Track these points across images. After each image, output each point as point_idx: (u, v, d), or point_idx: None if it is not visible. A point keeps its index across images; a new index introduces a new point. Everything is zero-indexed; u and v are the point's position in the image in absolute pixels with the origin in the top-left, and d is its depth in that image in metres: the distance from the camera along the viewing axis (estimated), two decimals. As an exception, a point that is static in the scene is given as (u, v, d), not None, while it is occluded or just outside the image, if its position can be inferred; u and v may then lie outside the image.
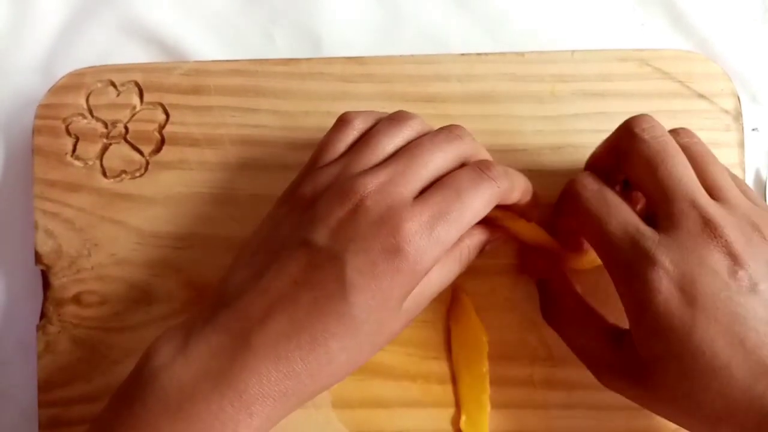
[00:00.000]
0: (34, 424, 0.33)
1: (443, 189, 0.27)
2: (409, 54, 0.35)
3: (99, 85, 0.35)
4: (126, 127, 0.35)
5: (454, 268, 0.30)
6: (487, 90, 0.34)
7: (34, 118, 0.35)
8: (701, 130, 0.34)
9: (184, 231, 0.34)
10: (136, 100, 0.35)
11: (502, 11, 0.38)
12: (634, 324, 0.27)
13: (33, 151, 0.35)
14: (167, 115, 0.35)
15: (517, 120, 0.34)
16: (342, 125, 0.30)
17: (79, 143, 0.35)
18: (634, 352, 0.27)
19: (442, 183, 0.28)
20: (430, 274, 0.27)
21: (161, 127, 0.35)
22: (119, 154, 0.35)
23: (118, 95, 0.35)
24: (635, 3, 0.38)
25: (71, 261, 0.34)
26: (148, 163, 0.35)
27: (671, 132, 0.29)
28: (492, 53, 0.35)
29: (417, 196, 0.27)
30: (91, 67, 0.35)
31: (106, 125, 0.35)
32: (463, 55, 0.35)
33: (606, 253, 0.28)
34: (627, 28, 0.38)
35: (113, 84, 0.35)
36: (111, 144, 0.35)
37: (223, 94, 0.35)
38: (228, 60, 0.35)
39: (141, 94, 0.35)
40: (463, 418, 0.33)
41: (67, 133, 0.35)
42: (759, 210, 0.27)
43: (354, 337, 0.26)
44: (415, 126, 0.29)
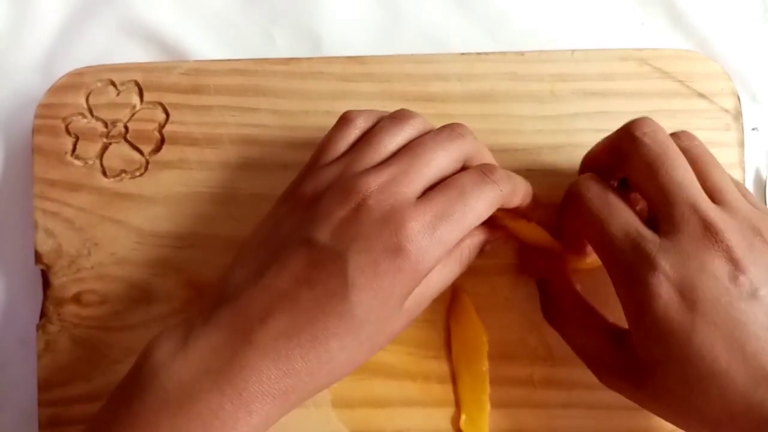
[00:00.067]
0: (34, 424, 0.33)
1: (446, 190, 0.27)
2: (409, 53, 0.35)
3: (99, 85, 0.35)
4: (126, 127, 0.35)
5: (455, 269, 0.30)
6: (487, 89, 0.34)
7: (34, 118, 0.35)
8: (701, 129, 0.34)
9: (184, 230, 0.34)
10: (136, 100, 0.35)
11: (502, 11, 0.38)
12: (634, 327, 0.27)
13: (33, 150, 0.35)
14: (167, 114, 0.35)
15: (517, 119, 0.34)
16: (344, 124, 0.30)
17: (79, 143, 0.35)
18: (634, 353, 0.27)
19: (446, 184, 0.28)
20: (431, 274, 0.27)
21: (161, 126, 0.35)
22: (119, 154, 0.35)
23: (117, 95, 0.35)
24: (635, 2, 0.38)
25: (71, 260, 0.34)
26: (148, 162, 0.35)
27: (672, 135, 0.29)
28: (492, 53, 0.35)
29: (420, 197, 0.27)
30: (91, 67, 0.35)
31: (106, 125, 0.35)
32: (463, 54, 0.35)
33: (607, 255, 0.28)
34: (627, 27, 0.38)
35: (113, 83, 0.35)
36: (111, 143, 0.35)
37: (223, 93, 0.35)
38: (228, 59, 0.35)
39: (141, 93, 0.35)
40: (463, 418, 0.33)
41: (67, 132, 0.35)
42: (760, 213, 0.27)
43: (355, 336, 0.26)
44: (416, 124, 0.29)
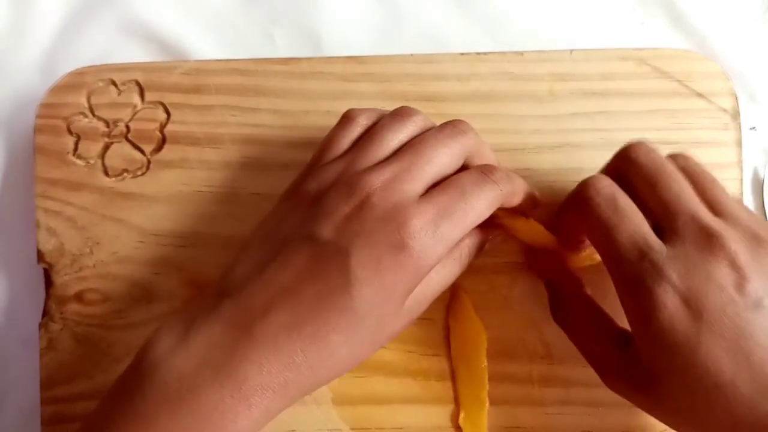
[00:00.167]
0: (36, 421, 0.34)
1: (448, 189, 0.27)
2: (409, 53, 0.35)
3: (100, 85, 0.35)
4: (127, 126, 0.35)
5: (455, 269, 0.30)
6: (487, 89, 0.35)
7: (36, 117, 0.35)
8: (699, 129, 0.34)
9: (185, 229, 0.34)
10: (137, 99, 0.35)
11: (501, 11, 0.38)
12: (638, 335, 0.27)
13: (34, 150, 0.35)
14: (168, 114, 0.35)
15: (516, 119, 0.34)
16: (346, 122, 0.30)
17: (80, 142, 0.35)
18: (638, 359, 0.27)
19: (447, 184, 0.28)
20: (431, 274, 0.28)
21: (162, 126, 0.35)
22: (120, 153, 0.35)
23: (119, 94, 0.35)
24: (635, 2, 0.38)
25: (73, 259, 0.34)
26: (149, 161, 0.35)
27: (669, 156, 0.29)
28: (491, 53, 0.35)
29: (422, 195, 0.27)
30: (92, 67, 0.35)
31: (107, 124, 0.35)
32: (462, 54, 0.35)
33: (613, 262, 0.27)
34: (626, 27, 0.38)
35: (114, 83, 0.35)
36: (112, 143, 0.35)
37: (223, 93, 0.35)
38: (228, 59, 0.35)
39: (142, 93, 0.35)
40: (462, 415, 0.33)
41: (69, 132, 0.35)
42: (760, 224, 0.27)
43: (355, 331, 0.26)
44: (418, 121, 0.29)
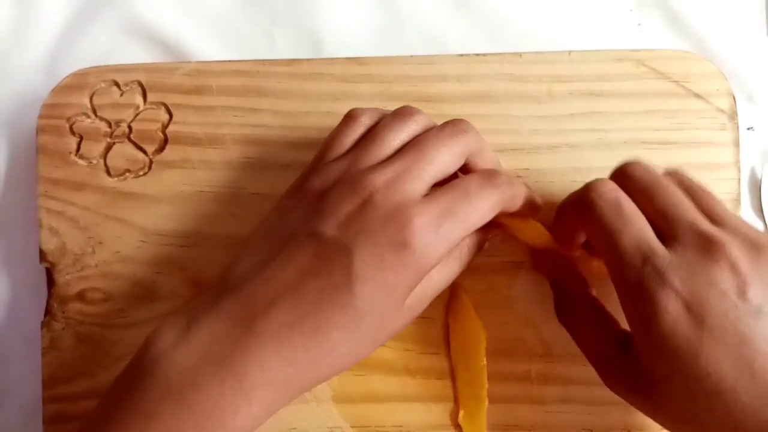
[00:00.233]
0: (38, 420, 0.34)
1: (451, 191, 0.28)
2: (409, 54, 0.35)
3: (102, 85, 0.35)
4: (129, 127, 0.35)
5: (455, 268, 0.30)
6: (485, 90, 0.35)
7: (38, 118, 0.35)
8: (697, 129, 0.34)
9: (187, 229, 0.34)
10: (139, 100, 0.35)
11: (500, 12, 0.38)
12: (639, 340, 0.27)
13: (37, 150, 0.35)
14: (170, 114, 0.35)
15: (515, 120, 0.35)
16: (349, 121, 0.30)
17: (83, 142, 0.35)
18: (640, 363, 0.27)
19: (450, 185, 0.28)
20: (432, 273, 0.28)
21: (164, 126, 0.35)
22: (123, 153, 0.35)
23: (121, 95, 0.35)
24: (632, 4, 0.38)
25: (75, 258, 0.34)
26: (151, 162, 0.35)
27: (663, 172, 0.30)
28: (490, 54, 0.35)
29: (425, 195, 0.27)
30: (95, 67, 0.35)
31: (109, 125, 0.35)
32: (461, 55, 0.35)
33: (615, 266, 0.27)
34: (624, 28, 0.38)
35: (116, 84, 0.35)
36: (115, 143, 0.35)
37: (225, 94, 0.35)
38: (230, 60, 0.35)
39: (144, 94, 0.35)
40: (461, 413, 0.33)
41: (71, 132, 0.35)
42: (758, 232, 0.27)
43: (356, 328, 0.26)
44: (420, 121, 0.30)
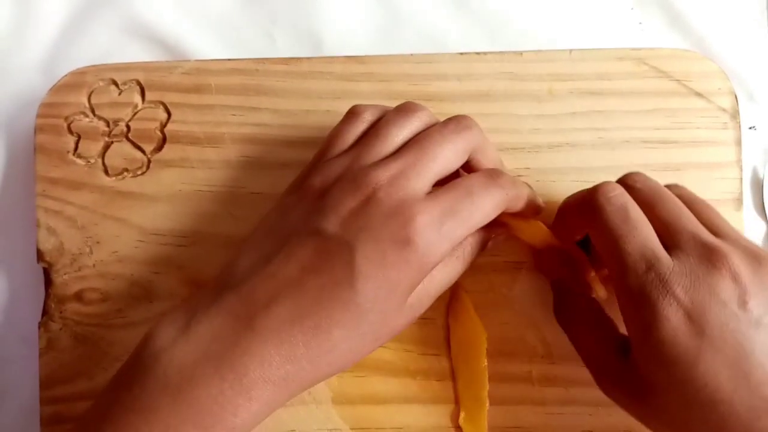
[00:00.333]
0: (36, 421, 0.33)
1: (454, 189, 0.28)
2: (409, 53, 0.35)
3: (101, 84, 0.35)
4: (128, 126, 0.35)
5: (458, 266, 0.30)
6: (486, 89, 0.35)
7: (36, 117, 0.35)
8: (699, 128, 0.34)
9: (185, 229, 0.34)
10: (137, 99, 0.35)
11: (500, 11, 0.38)
12: (637, 346, 0.27)
13: (35, 149, 0.35)
14: (169, 113, 0.35)
15: (515, 119, 0.34)
16: (351, 117, 0.30)
17: (80, 141, 0.35)
18: (637, 369, 0.27)
19: (454, 184, 0.28)
20: (434, 272, 0.28)
21: (163, 125, 0.35)
22: (121, 153, 0.35)
23: (119, 94, 0.35)
24: (633, 2, 0.38)
25: (73, 258, 0.34)
26: (149, 161, 0.35)
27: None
28: (490, 52, 0.35)
29: (428, 193, 0.27)
30: (93, 66, 0.35)
31: (107, 124, 0.35)
32: (461, 54, 0.35)
33: (618, 271, 0.27)
34: (625, 27, 0.38)
35: (115, 83, 0.35)
36: (113, 142, 0.35)
37: (224, 92, 0.35)
38: (229, 59, 0.35)
39: (142, 92, 0.35)
40: (462, 415, 0.33)
41: (69, 131, 0.35)
42: (757, 246, 0.27)
43: (357, 326, 0.26)
44: (423, 117, 0.29)
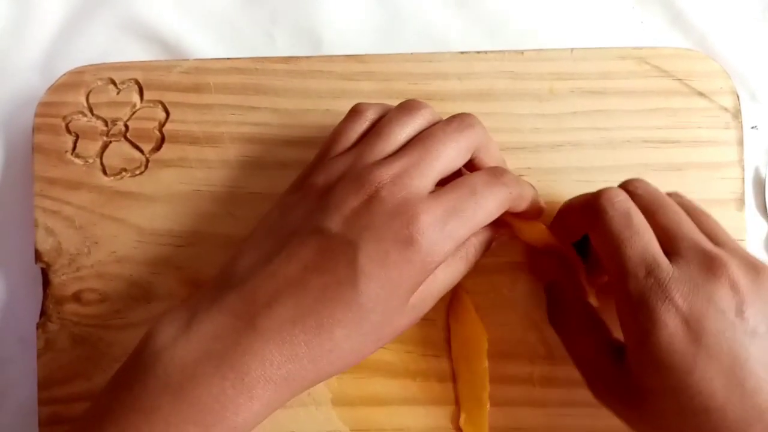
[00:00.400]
0: (34, 422, 0.33)
1: (458, 188, 0.27)
2: (409, 52, 0.35)
3: (99, 83, 0.35)
4: (126, 125, 0.35)
5: (461, 267, 0.30)
6: (486, 88, 0.34)
7: (34, 116, 0.35)
8: (700, 127, 0.34)
9: (184, 228, 0.34)
10: (136, 98, 0.35)
11: (501, 10, 0.38)
12: (633, 351, 0.27)
13: (33, 149, 0.35)
14: (167, 113, 0.35)
15: (516, 118, 0.34)
16: (354, 115, 0.30)
17: (79, 141, 0.35)
18: (631, 374, 0.27)
19: (457, 183, 0.28)
20: (437, 272, 0.28)
21: (161, 125, 0.35)
22: (119, 152, 0.35)
23: (118, 93, 0.35)
24: (634, 1, 0.38)
25: (71, 259, 0.34)
26: (148, 160, 0.35)
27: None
28: (491, 51, 0.35)
29: (431, 192, 0.27)
30: (91, 65, 0.35)
31: (106, 123, 0.35)
32: (462, 53, 0.35)
33: (618, 275, 0.27)
34: (626, 26, 0.38)
35: (113, 82, 0.35)
36: (111, 142, 0.35)
37: (223, 92, 0.35)
38: (228, 58, 0.35)
39: (141, 92, 0.35)
40: (462, 416, 0.33)
41: (67, 131, 0.35)
42: (755, 257, 0.28)
43: (359, 326, 0.26)
44: (426, 115, 0.29)
